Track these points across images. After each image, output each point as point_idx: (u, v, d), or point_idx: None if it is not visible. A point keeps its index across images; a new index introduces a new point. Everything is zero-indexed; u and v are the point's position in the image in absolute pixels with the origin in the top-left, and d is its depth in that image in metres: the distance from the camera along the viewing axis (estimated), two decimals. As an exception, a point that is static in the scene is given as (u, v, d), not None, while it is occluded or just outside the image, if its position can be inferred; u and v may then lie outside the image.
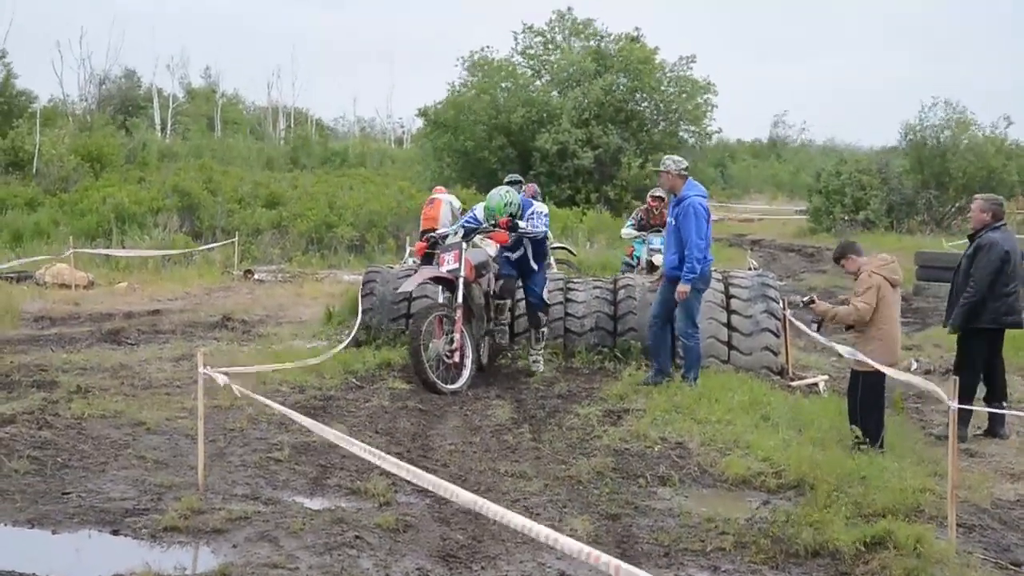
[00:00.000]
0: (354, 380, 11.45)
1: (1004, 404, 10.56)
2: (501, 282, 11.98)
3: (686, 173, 11.28)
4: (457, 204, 21.33)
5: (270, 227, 27.57)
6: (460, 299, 11.27)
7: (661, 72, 41.84)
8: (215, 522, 6.87)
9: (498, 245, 11.96)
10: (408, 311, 13.14)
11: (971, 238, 10.62)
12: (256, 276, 22.33)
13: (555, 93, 41.70)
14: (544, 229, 11.96)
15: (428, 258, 13.51)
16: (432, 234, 12.49)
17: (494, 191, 12.07)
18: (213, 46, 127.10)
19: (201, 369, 7.54)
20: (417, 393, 10.97)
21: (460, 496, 4.87)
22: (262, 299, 18.52)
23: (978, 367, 10.55)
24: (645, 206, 16.53)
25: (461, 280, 11.29)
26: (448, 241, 11.71)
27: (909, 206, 42.47)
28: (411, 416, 10.17)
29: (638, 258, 16.27)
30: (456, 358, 11.21)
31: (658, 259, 14.64)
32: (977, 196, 11.08)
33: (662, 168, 11.38)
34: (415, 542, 6.76)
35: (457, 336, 11.18)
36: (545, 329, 12.21)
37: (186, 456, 8.36)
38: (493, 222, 11.62)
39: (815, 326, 9.97)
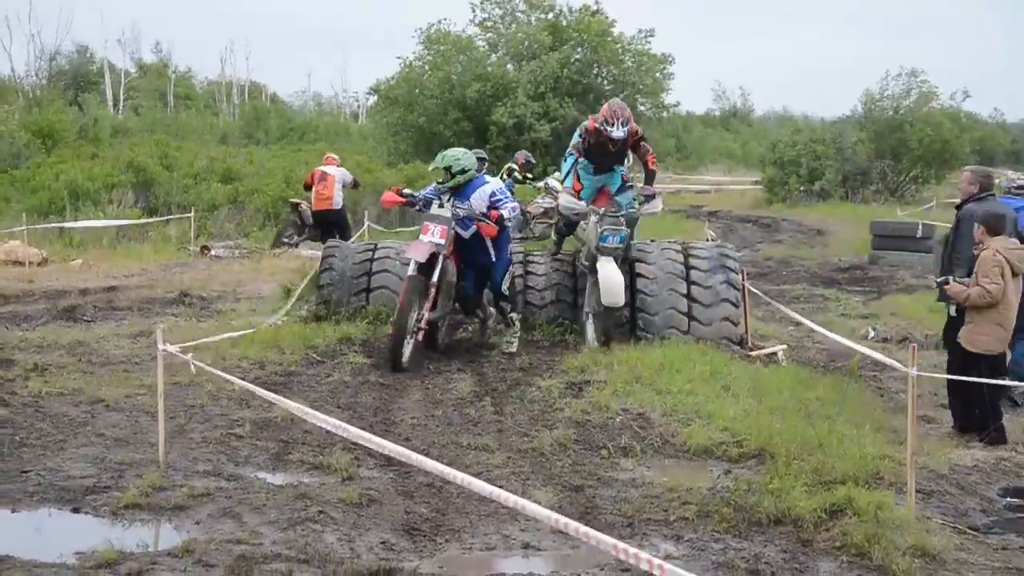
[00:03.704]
0: (315, 355, 11.40)
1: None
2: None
3: None
4: (349, 179, 21.44)
5: (226, 202, 27.37)
6: (437, 277, 11.07)
7: (619, 45, 41.79)
8: (177, 499, 6.84)
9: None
10: (368, 286, 13.08)
11: (958, 209, 10.62)
12: (213, 252, 22.15)
13: (510, 67, 41.57)
14: (516, 206, 11.72)
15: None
16: (413, 195, 11.66)
17: (449, 151, 11.71)
18: (164, 21, 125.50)
19: (160, 346, 7.49)
20: (378, 368, 10.93)
21: (449, 474, 4.87)
22: (219, 275, 18.38)
23: None
24: (596, 126, 12.00)
25: (442, 257, 11.13)
26: (434, 211, 11.29)
27: (863, 176, 42.84)
28: (372, 390, 10.14)
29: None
30: (420, 336, 11.10)
31: (612, 294, 11.39)
32: (966, 167, 11.12)
33: None
34: (379, 516, 6.76)
35: (426, 314, 11.03)
36: (515, 315, 12.02)
37: (146, 433, 8.30)
38: (449, 187, 11.28)
39: (953, 308, 9.73)
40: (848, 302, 18.18)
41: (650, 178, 12.38)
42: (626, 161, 12.83)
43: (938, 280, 9.73)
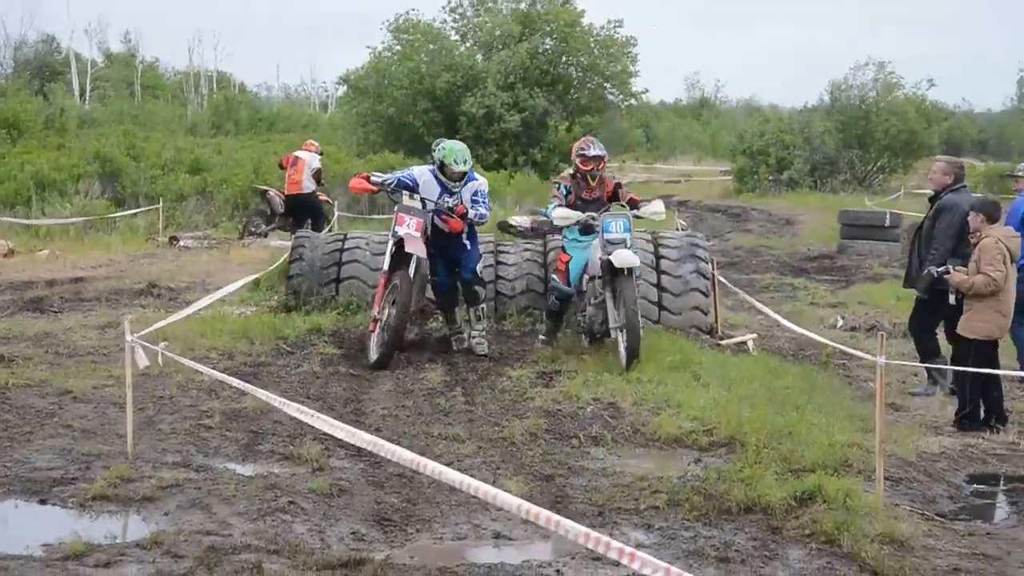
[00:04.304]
0: (284, 346, 11.36)
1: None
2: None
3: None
4: (316, 165, 21.40)
5: (195, 193, 27.18)
6: (412, 271, 10.86)
7: (588, 35, 41.80)
8: (146, 490, 6.79)
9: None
10: (338, 276, 13.04)
11: (932, 200, 10.70)
12: (181, 243, 22.01)
13: (479, 56, 41.51)
14: (487, 213, 11.41)
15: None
16: (383, 182, 11.22)
17: (459, 145, 11.30)
18: (132, 10, 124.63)
19: (128, 337, 7.43)
20: (348, 358, 10.90)
21: (425, 467, 4.85)
22: (188, 266, 18.27)
23: (932, 326, 10.62)
24: (571, 171, 11.53)
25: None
26: (406, 203, 11.00)
27: (832, 165, 43.11)
28: (342, 381, 10.11)
29: (575, 279, 11.36)
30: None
31: (625, 256, 10.47)
32: (939, 158, 11.24)
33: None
34: (349, 506, 6.74)
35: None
36: (484, 307, 11.64)
37: (114, 424, 8.24)
38: (442, 176, 11.04)
39: (952, 297, 9.70)
40: (817, 291, 18.27)
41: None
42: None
43: (937, 269, 9.72)
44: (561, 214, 11.03)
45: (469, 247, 11.36)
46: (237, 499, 6.71)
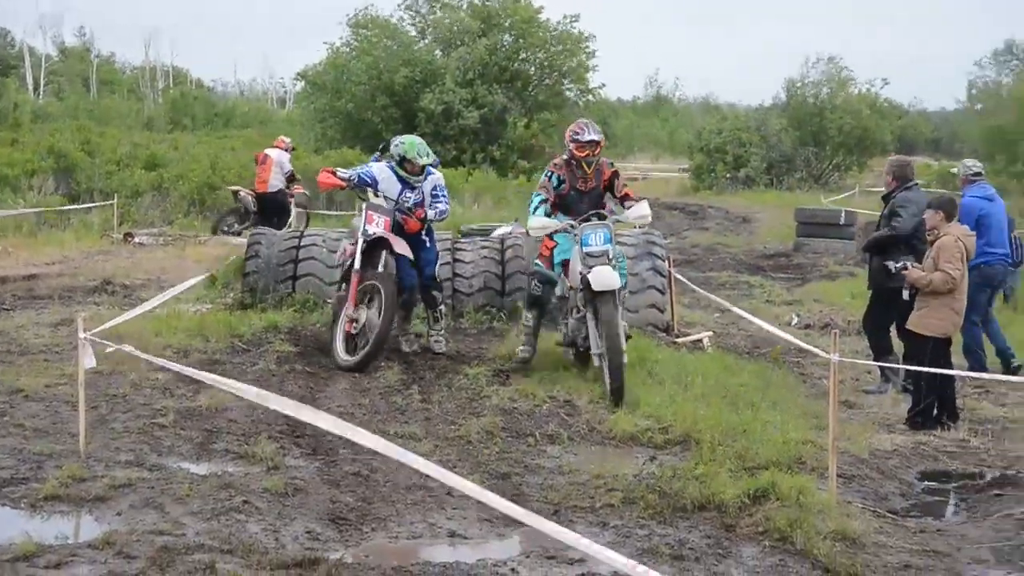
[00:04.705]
0: (240, 343, 11.28)
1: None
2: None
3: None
4: (288, 167, 21.45)
5: (150, 189, 26.97)
6: (382, 267, 10.72)
7: (545, 31, 41.82)
8: (98, 490, 6.74)
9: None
10: (295, 273, 12.98)
11: (885, 199, 10.83)
12: (137, 239, 21.83)
13: (438, 52, 41.44)
14: (447, 209, 11.23)
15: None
16: (348, 176, 10.93)
17: (418, 139, 11.16)
18: (88, 5, 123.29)
19: (81, 335, 7.37)
20: (304, 356, 10.85)
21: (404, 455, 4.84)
22: (143, 263, 18.13)
23: (886, 323, 10.73)
24: (566, 157, 10.29)
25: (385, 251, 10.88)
26: (373, 200, 10.86)
27: (788, 163, 43.44)
28: (299, 379, 10.07)
29: (562, 265, 10.19)
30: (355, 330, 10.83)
31: (604, 277, 9.40)
32: (890, 158, 11.38)
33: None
34: (304, 505, 6.72)
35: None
36: (443, 307, 11.58)
37: (67, 423, 8.16)
38: (402, 172, 10.88)
39: (906, 293, 9.84)
40: (773, 289, 18.43)
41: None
42: (607, 210, 10.49)
43: (896, 266, 9.81)
44: (538, 224, 9.96)
45: (428, 244, 11.28)
46: (191, 498, 6.67)
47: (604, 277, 9.36)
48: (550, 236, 10.20)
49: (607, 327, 9.29)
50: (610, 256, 9.60)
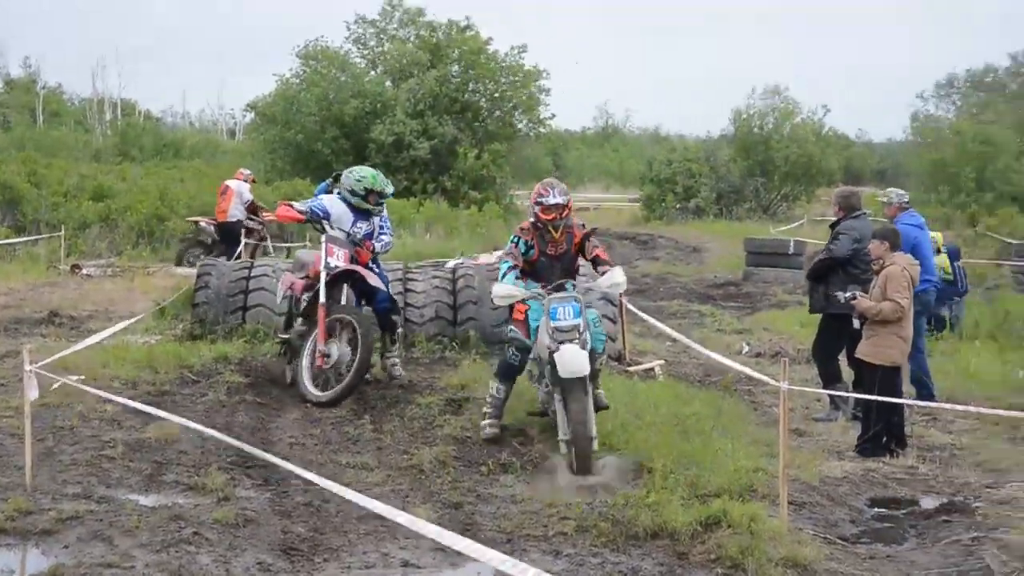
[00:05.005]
0: (189, 374, 11.18)
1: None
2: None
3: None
4: (247, 196, 21.69)
5: (98, 220, 26.74)
6: (344, 300, 10.73)
7: (494, 63, 41.97)
8: (44, 523, 6.66)
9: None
10: (245, 304, 12.91)
11: (832, 227, 11.11)
12: (84, 271, 21.62)
13: (389, 84, 41.46)
14: (392, 240, 11.43)
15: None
16: (305, 211, 10.86)
17: (373, 170, 11.15)
18: (33, 35, 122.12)
19: (27, 367, 7.29)
20: (255, 387, 10.77)
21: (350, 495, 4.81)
22: (91, 294, 17.94)
23: (835, 351, 10.86)
24: (532, 220, 9.38)
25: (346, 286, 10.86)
26: (332, 233, 10.76)
27: (737, 193, 43.81)
28: (249, 410, 10.00)
29: (536, 331, 8.93)
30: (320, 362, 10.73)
31: (572, 362, 8.40)
32: (836, 189, 11.63)
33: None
34: (255, 536, 6.66)
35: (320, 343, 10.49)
36: (401, 330, 11.54)
37: (12, 456, 8.05)
38: (366, 204, 10.85)
39: (857, 323, 9.89)
40: (723, 318, 18.52)
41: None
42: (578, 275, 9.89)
43: (844, 296, 9.91)
44: (503, 292, 8.95)
45: (379, 270, 11.26)
46: (140, 531, 6.60)
47: (572, 363, 8.42)
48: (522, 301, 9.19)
49: (574, 414, 8.42)
50: (580, 330, 8.62)
